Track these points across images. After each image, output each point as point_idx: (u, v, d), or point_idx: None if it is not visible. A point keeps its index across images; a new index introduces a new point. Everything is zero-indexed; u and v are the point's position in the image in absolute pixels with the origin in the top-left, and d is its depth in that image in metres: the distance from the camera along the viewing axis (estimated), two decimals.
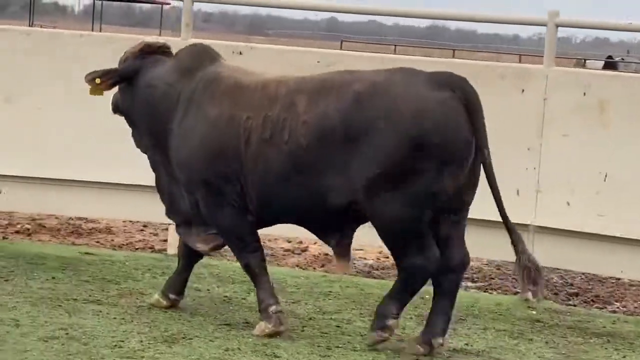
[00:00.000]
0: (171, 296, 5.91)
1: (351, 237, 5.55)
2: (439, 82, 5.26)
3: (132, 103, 5.87)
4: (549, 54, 6.74)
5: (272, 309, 5.52)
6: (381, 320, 5.41)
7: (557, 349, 5.81)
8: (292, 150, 5.31)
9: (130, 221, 8.38)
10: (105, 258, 7.09)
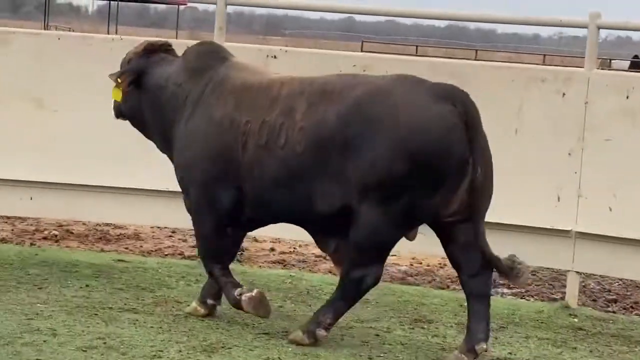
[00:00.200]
0: (209, 302, 5.84)
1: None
2: (440, 95, 5.18)
3: (140, 104, 5.89)
4: (590, 57, 6.61)
5: (237, 292, 5.55)
6: (313, 326, 5.38)
7: (602, 357, 5.70)
8: (288, 156, 5.30)
9: (158, 227, 8.30)
10: (138, 265, 7.01)
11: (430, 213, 5.20)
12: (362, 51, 27.41)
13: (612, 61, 32.58)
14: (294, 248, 8.29)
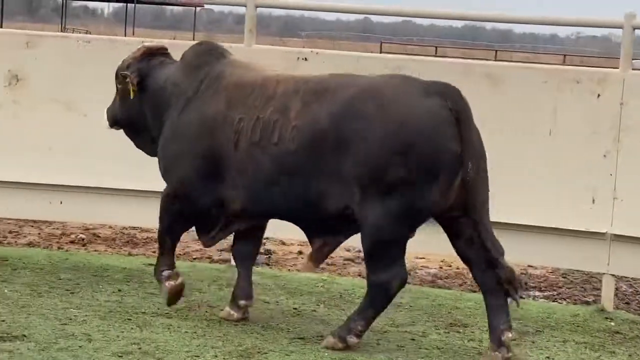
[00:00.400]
0: (241, 302, 5.81)
1: (334, 246, 5.53)
2: (431, 91, 5.22)
3: (141, 108, 5.91)
4: (625, 57, 6.54)
5: (166, 273, 5.71)
6: (344, 332, 5.36)
7: None
8: (281, 153, 5.32)
9: None
10: None
11: (429, 208, 5.20)
12: (381, 52, 27.34)
13: (634, 61, 32.45)
14: None
